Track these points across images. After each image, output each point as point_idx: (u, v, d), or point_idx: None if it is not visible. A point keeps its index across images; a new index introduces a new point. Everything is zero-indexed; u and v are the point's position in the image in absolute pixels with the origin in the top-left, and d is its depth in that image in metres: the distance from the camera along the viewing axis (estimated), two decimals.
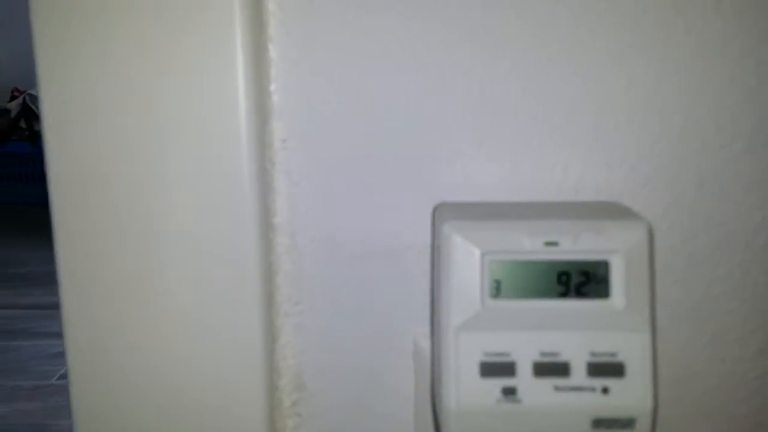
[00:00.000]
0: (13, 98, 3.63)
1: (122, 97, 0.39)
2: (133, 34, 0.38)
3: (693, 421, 0.47)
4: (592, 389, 0.35)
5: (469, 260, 0.36)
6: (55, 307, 0.43)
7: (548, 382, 0.35)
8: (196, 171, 0.40)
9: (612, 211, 0.38)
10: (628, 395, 0.35)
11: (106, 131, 0.40)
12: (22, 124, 3.55)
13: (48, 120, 0.40)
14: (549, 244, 0.35)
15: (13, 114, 3.56)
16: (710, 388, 0.46)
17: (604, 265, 0.35)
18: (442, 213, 0.38)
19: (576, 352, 0.35)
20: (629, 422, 0.35)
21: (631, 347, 0.35)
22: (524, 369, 0.35)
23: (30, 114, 3.50)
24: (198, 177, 0.40)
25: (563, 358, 0.35)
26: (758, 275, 0.44)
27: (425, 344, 0.43)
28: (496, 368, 0.35)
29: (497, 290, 0.36)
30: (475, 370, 0.35)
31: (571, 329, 0.35)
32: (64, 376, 0.45)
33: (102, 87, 0.39)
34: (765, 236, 0.44)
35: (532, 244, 0.35)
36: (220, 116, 0.39)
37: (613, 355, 0.35)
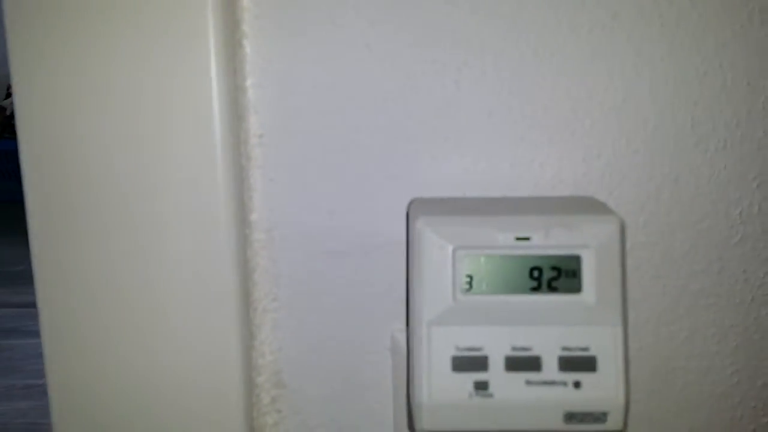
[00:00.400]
0: (8, 95, 3.63)
1: (94, 93, 0.39)
2: (105, 30, 0.38)
3: (672, 416, 0.47)
4: (564, 383, 0.35)
5: (441, 255, 0.36)
6: None
7: (520, 377, 0.35)
8: (170, 168, 0.40)
9: (585, 207, 0.38)
10: (600, 389, 0.35)
11: (79, 130, 0.40)
12: None
13: (22, 118, 0.40)
14: (521, 239, 0.35)
15: (8, 111, 3.55)
16: (689, 383, 0.46)
17: (575, 260, 0.36)
18: (415, 208, 0.38)
19: (548, 346, 0.35)
20: (601, 416, 0.35)
21: (602, 342, 0.35)
22: (496, 363, 0.35)
23: None
24: (172, 174, 0.40)
25: (535, 352, 0.35)
26: (736, 271, 0.45)
27: (403, 340, 0.43)
28: (468, 363, 0.35)
29: (469, 285, 0.36)
30: (448, 364, 0.36)
31: (543, 324, 0.35)
32: None
33: (73, 85, 0.39)
34: (742, 232, 0.44)
35: (503, 239, 0.35)
36: (194, 112, 0.39)
37: (584, 349, 0.35)
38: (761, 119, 0.42)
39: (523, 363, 0.35)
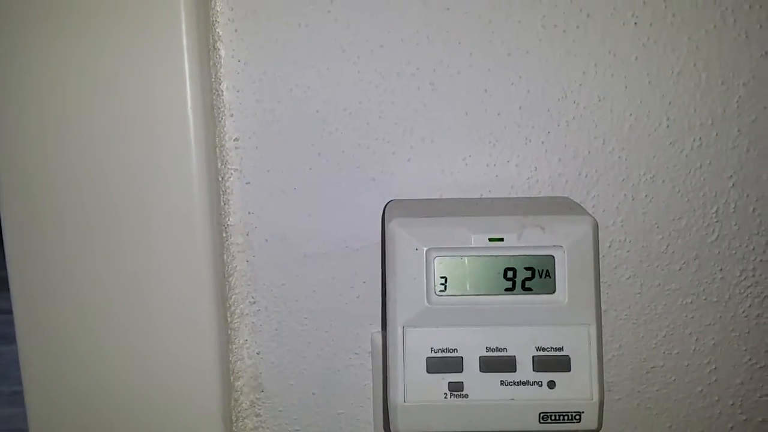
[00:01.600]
0: None
1: (67, 97, 0.39)
2: (79, 35, 0.38)
3: (652, 414, 0.47)
4: (539, 384, 0.35)
5: (415, 257, 0.36)
6: None
7: (495, 377, 0.35)
8: (145, 172, 0.40)
9: (559, 207, 0.38)
10: (575, 389, 0.35)
11: (52, 136, 0.39)
12: None
13: None
14: (494, 240, 0.35)
15: None
16: (667, 382, 0.46)
17: (548, 261, 0.36)
18: (390, 210, 0.38)
19: (522, 347, 0.35)
20: (576, 416, 0.35)
21: (576, 341, 0.35)
22: (471, 364, 0.35)
23: None
24: (147, 178, 0.40)
25: (509, 353, 0.35)
26: (713, 269, 0.45)
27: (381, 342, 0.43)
28: (443, 364, 0.35)
29: (444, 286, 0.36)
30: (423, 365, 0.36)
31: (517, 324, 0.36)
32: None
33: (46, 90, 0.39)
34: (719, 230, 0.44)
35: (477, 240, 0.35)
36: (168, 116, 0.39)
37: (558, 349, 0.35)
38: (736, 118, 0.43)
39: (497, 364, 0.35)
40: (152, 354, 0.42)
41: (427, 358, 0.36)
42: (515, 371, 0.35)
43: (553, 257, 0.36)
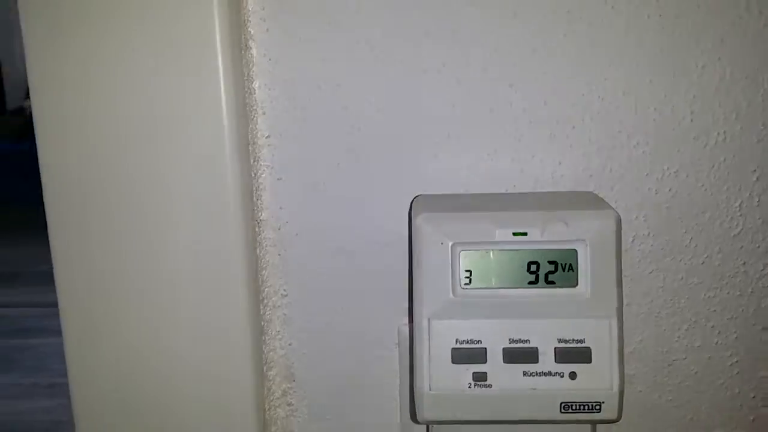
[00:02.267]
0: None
1: (105, 97, 0.41)
2: (116, 36, 0.40)
3: (673, 407, 0.47)
4: (560, 374, 0.36)
5: (441, 251, 0.37)
6: None
7: (518, 368, 0.36)
8: (181, 169, 0.41)
9: (582, 201, 0.39)
10: (595, 380, 0.36)
11: (92, 134, 0.41)
12: None
13: (39, 121, 0.41)
14: (518, 234, 0.36)
15: (28, 112, 3.60)
16: (689, 375, 0.47)
17: (571, 254, 0.36)
18: (417, 205, 0.40)
19: (544, 339, 0.36)
20: (596, 406, 0.36)
21: (597, 334, 0.36)
22: (495, 355, 0.37)
23: None
24: (184, 175, 0.41)
25: (532, 344, 0.36)
26: (736, 263, 0.45)
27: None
28: (468, 355, 0.37)
29: (469, 280, 0.37)
30: (448, 356, 0.37)
31: (540, 317, 0.36)
32: None
33: (85, 90, 0.40)
34: (742, 224, 0.45)
35: (501, 234, 0.36)
36: (203, 115, 0.40)
37: (580, 341, 0.36)
38: (760, 112, 0.43)
39: (520, 355, 0.36)
40: (190, 345, 0.44)
41: (452, 349, 0.37)
42: (538, 362, 0.36)
43: (576, 251, 0.36)
